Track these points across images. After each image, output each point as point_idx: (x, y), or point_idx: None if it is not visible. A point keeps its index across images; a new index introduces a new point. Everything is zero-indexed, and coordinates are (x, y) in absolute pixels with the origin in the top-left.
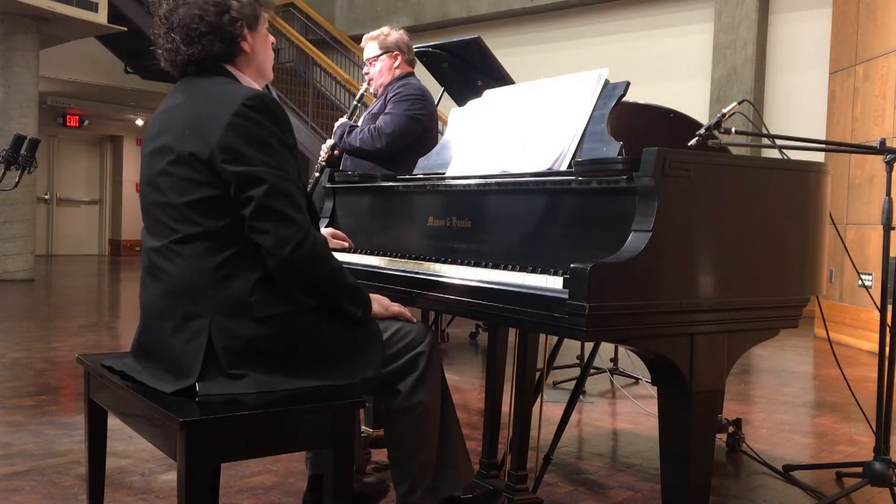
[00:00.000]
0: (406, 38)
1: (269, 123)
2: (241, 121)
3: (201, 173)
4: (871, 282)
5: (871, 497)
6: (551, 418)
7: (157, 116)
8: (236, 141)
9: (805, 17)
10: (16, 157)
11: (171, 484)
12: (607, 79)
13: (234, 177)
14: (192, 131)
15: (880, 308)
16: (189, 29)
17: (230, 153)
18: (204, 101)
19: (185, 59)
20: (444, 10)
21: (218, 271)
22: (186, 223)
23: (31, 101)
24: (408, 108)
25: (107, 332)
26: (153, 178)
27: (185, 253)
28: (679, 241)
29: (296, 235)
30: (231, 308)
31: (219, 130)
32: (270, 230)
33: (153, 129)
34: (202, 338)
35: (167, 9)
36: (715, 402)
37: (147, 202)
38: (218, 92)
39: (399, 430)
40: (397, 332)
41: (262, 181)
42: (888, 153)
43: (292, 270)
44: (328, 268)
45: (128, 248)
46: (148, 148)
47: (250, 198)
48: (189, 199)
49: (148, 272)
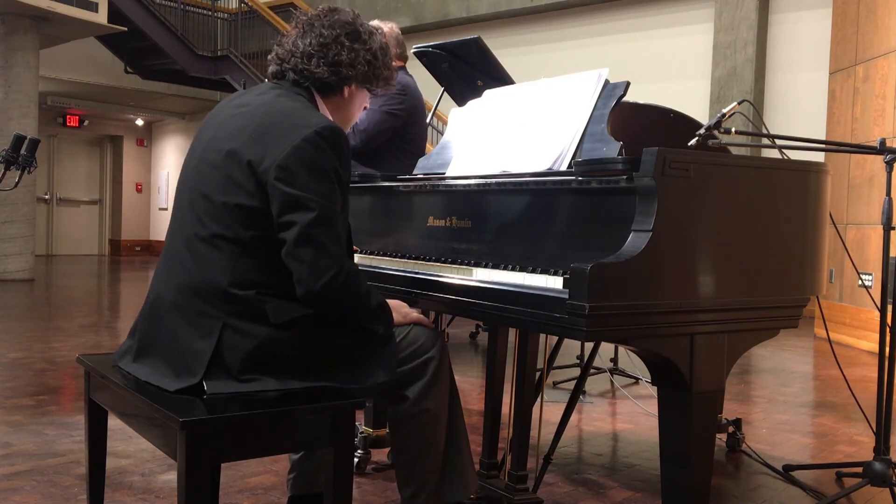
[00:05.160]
0: (396, 31)
1: (333, 156)
2: (309, 146)
3: (250, 182)
4: (871, 282)
5: (871, 497)
6: (551, 418)
7: (227, 107)
8: (297, 164)
9: (805, 17)
10: (16, 157)
11: (171, 484)
12: (607, 79)
13: (284, 196)
14: (258, 139)
15: (880, 308)
16: (322, 48)
17: (287, 173)
18: (280, 114)
19: (293, 66)
20: (444, 10)
21: (235, 279)
22: (217, 222)
23: (31, 101)
24: (384, 104)
25: (107, 332)
26: (202, 165)
27: (208, 252)
28: (679, 240)
29: (330, 268)
30: (246, 313)
31: (284, 149)
32: (307, 259)
33: (218, 119)
34: (212, 338)
35: (314, 18)
36: (715, 402)
37: (187, 186)
38: (296, 112)
39: (404, 435)
40: (407, 336)
41: (310, 209)
42: (888, 153)
43: (321, 302)
44: (356, 298)
45: (128, 248)
46: (208, 134)
47: (292, 222)
48: (227, 200)
49: (166, 260)
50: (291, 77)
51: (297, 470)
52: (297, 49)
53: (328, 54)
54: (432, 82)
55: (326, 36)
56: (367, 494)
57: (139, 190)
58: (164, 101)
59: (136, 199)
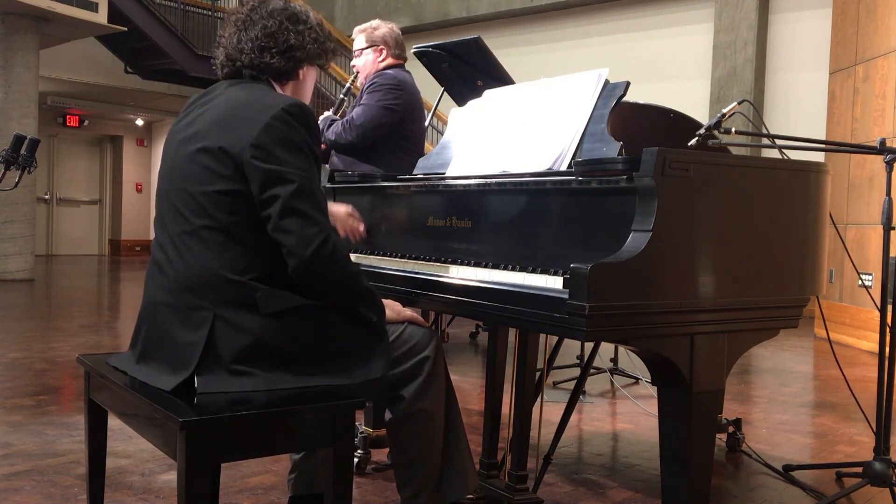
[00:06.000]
0: (395, 32)
1: (303, 130)
2: (279, 124)
3: (226, 167)
4: (871, 282)
5: (871, 497)
6: (551, 418)
7: (191, 109)
8: (270, 142)
9: (805, 17)
10: (16, 157)
11: (171, 484)
12: (607, 79)
13: (262, 173)
14: (227, 127)
15: (880, 308)
16: (270, 38)
17: (262, 151)
18: (244, 102)
19: (248, 63)
20: (444, 10)
21: (224, 266)
22: (200, 215)
23: (31, 101)
24: (380, 99)
25: (107, 332)
26: (177, 165)
27: (193, 246)
28: (679, 241)
29: (319, 236)
30: (236, 303)
31: (255, 130)
32: (295, 230)
33: (184, 120)
34: (204, 329)
35: (250, 12)
36: (715, 402)
37: (165, 188)
38: (259, 96)
39: (402, 436)
40: (401, 335)
41: (290, 181)
42: (888, 153)
43: (314, 272)
44: (348, 271)
45: (128, 248)
46: (177, 137)
47: (275, 196)
48: (207, 189)
49: (155, 265)
50: (248, 73)
51: (299, 470)
52: (245, 45)
53: (278, 42)
54: (432, 82)
55: (270, 26)
56: (367, 494)
57: (139, 190)
58: (164, 101)
59: (136, 199)
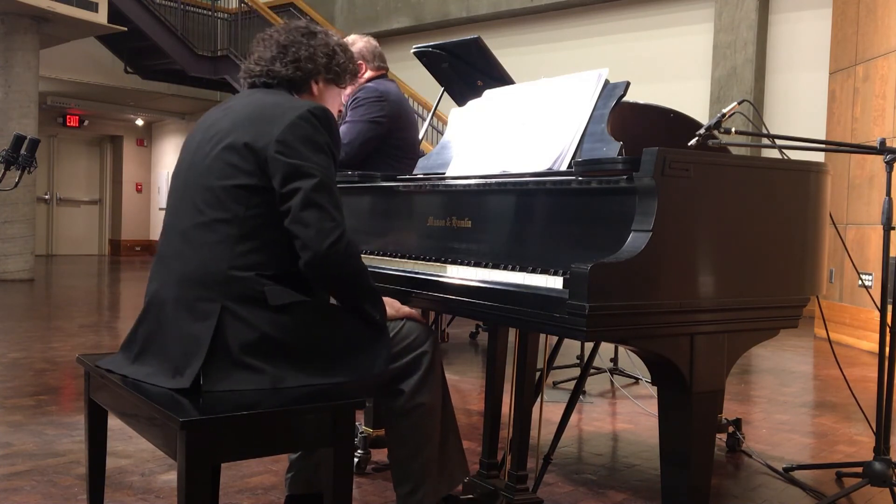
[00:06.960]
0: (372, 44)
1: (325, 132)
2: (304, 123)
3: (248, 162)
4: (871, 282)
5: (871, 497)
6: (551, 418)
7: (215, 112)
8: (294, 138)
9: (805, 17)
10: (16, 157)
11: (171, 484)
12: (607, 79)
13: (285, 167)
14: (252, 125)
15: (880, 308)
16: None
17: (286, 147)
18: (271, 103)
19: (259, 72)
20: (444, 10)
21: (235, 260)
22: (216, 208)
23: (31, 101)
24: (363, 114)
25: (107, 332)
26: (197, 161)
27: (207, 237)
28: (679, 241)
29: (336, 230)
30: (245, 296)
31: (280, 127)
32: (313, 222)
33: (207, 121)
34: (211, 321)
35: (273, 32)
36: (715, 402)
37: (180, 186)
38: (283, 100)
39: (401, 430)
40: (399, 331)
41: (312, 175)
42: (888, 153)
43: (327, 265)
44: (359, 268)
45: (128, 248)
46: (198, 136)
47: (297, 189)
48: (227, 183)
49: (160, 260)
50: (263, 82)
51: (296, 469)
52: (262, 59)
53: (288, 53)
54: (432, 82)
55: (284, 40)
56: (367, 494)
57: (139, 190)
58: (164, 101)
59: (136, 199)
